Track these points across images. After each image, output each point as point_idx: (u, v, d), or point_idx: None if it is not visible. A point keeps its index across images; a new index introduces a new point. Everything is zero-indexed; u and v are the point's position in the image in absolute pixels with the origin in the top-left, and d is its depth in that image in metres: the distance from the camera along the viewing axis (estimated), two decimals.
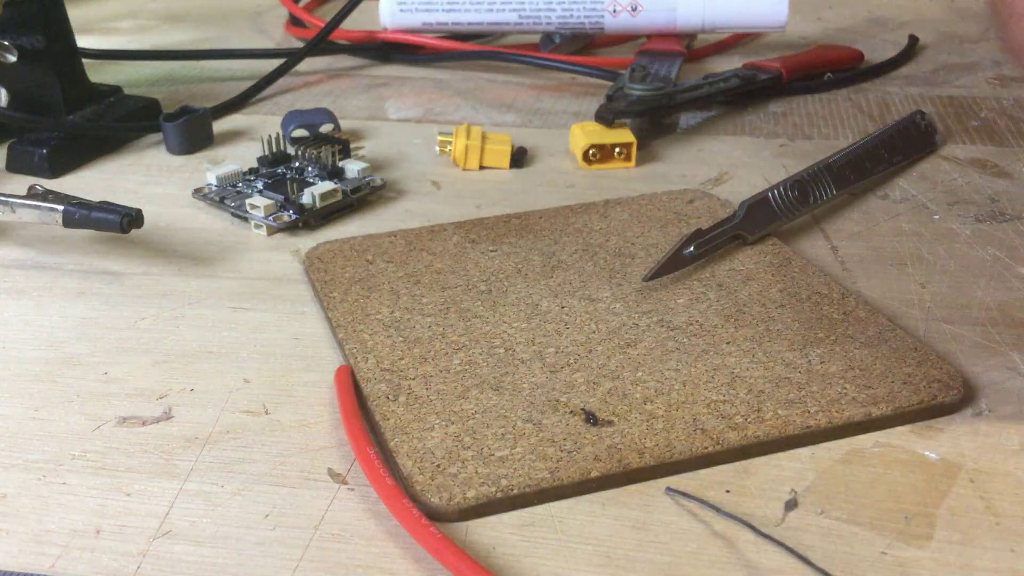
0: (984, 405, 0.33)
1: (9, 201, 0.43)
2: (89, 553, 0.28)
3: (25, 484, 0.31)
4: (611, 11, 0.64)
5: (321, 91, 0.65)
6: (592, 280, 0.40)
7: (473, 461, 0.30)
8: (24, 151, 0.52)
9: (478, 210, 0.48)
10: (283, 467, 0.31)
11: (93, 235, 0.45)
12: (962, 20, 0.80)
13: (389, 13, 0.67)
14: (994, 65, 0.69)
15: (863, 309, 0.38)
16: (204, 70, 0.70)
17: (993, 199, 0.48)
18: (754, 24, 0.64)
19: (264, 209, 0.46)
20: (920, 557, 0.27)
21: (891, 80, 0.66)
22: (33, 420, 0.33)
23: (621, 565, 0.27)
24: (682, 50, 0.63)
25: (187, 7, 0.87)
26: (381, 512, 0.29)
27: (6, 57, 0.53)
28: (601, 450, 0.30)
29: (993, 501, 0.29)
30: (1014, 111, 0.60)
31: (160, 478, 0.31)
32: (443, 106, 0.62)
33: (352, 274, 0.41)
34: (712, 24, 0.64)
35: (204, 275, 0.42)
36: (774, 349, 0.35)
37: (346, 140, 0.54)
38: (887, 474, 0.30)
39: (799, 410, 0.32)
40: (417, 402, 0.33)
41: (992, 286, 0.40)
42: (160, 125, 0.55)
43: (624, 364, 0.35)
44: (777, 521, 0.29)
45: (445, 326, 0.37)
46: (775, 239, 0.43)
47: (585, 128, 0.53)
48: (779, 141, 0.56)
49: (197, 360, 0.37)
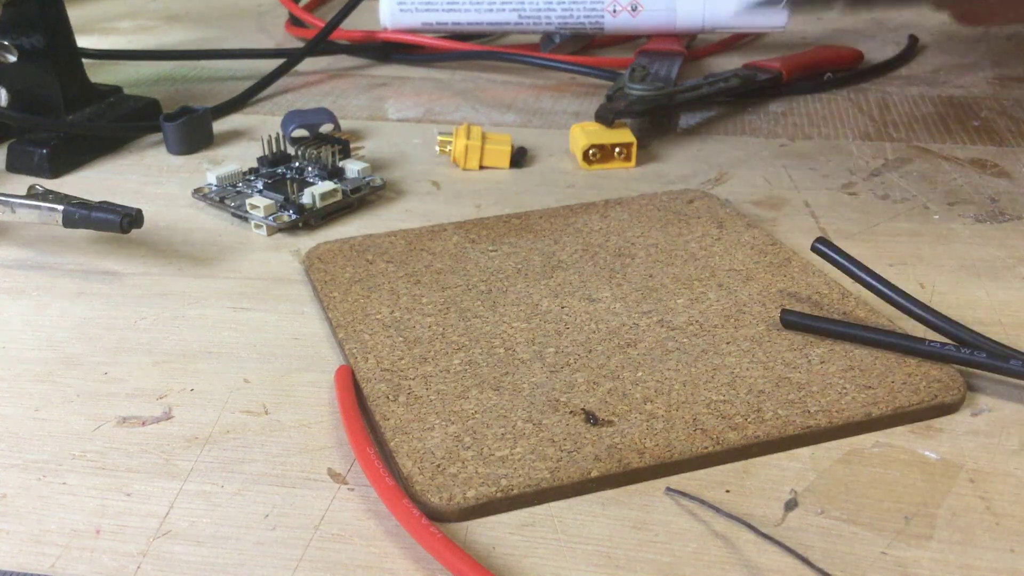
0: (984, 405, 0.33)
1: (9, 201, 0.43)
2: (89, 553, 0.28)
3: (25, 484, 0.31)
4: (611, 11, 0.64)
5: (321, 91, 0.65)
6: (592, 280, 0.40)
7: (473, 461, 0.30)
8: (24, 151, 0.52)
9: (478, 210, 0.48)
10: (283, 467, 0.31)
11: (93, 235, 0.45)
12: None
13: (389, 13, 0.67)
14: (994, 65, 0.69)
15: (863, 309, 0.38)
16: (204, 70, 0.70)
17: (993, 199, 0.48)
18: (754, 24, 0.64)
19: (264, 209, 0.46)
20: (920, 557, 0.27)
21: (891, 80, 0.66)
22: (33, 420, 0.33)
23: (621, 565, 0.27)
24: (682, 50, 0.63)
25: (187, 7, 0.87)
26: (381, 512, 0.29)
27: (6, 57, 0.53)
28: (601, 450, 0.30)
29: (993, 501, 0.29)
30: (1014, 111, 0.60)
31: (160, 478, 0.31)
32: (443, 106, 0.62)
33: (352, 274, 0.41)
34: (712, 24, 0.64)
35: (204, 275, 0.42)
36: (774, 349, 0.35)
37: (346, 140, 0.54)
38: (887, 474, 0.30)
39: (799, 410, 0.32)
40: (417, 402, 0.33)
41: (992, 286, 0.40)
42: (160, 125, 0.55)
43: (624, 364, 0.35)
44: (777, 521, 0.29)
45: (445, 326, 0.37)
46: (776, 239, 0.43)
47: (585, 128, 0.53)
48: (779, 141, 0.56)
49: (197, 360, 0.37)
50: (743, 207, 0.47)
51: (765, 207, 0.48)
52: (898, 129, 0.57)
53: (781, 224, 0.46)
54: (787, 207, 0.48)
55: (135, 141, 0.57)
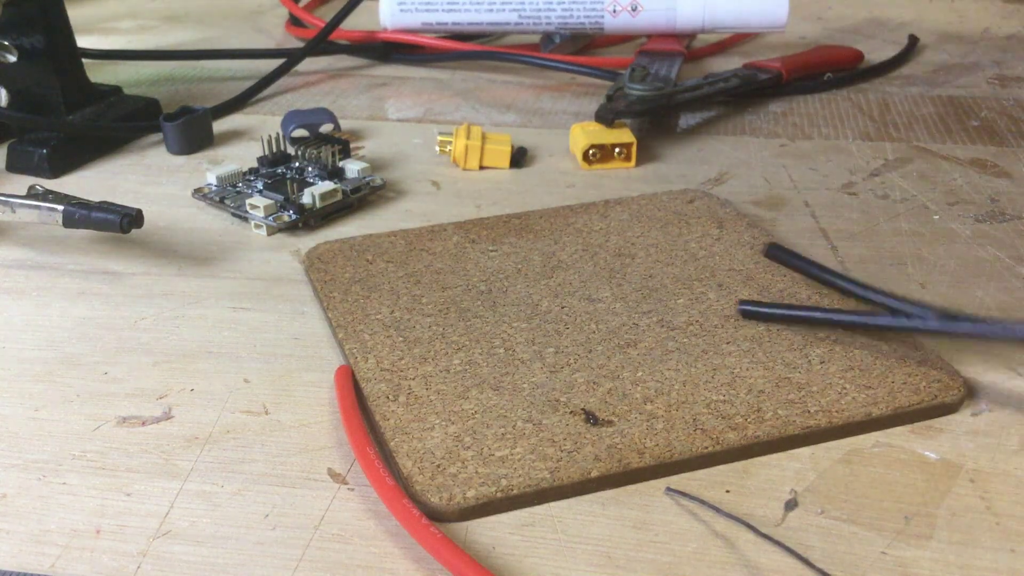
0: (984, 405, 0.33)
1: (9, 201, 0.43)
2: (89, 553, 0.28)
3: (25, 484, 0.31)
4: (611, 11, 0.64)
5: (321, 91, 0.65)
6: (592, 280, 0.40)
7: (473, 461, 0.30)
8: (24, 151, 0.52)
9: (478, 210, 0.48)
10: (283, 467, 0.31)
11: (93, 235, 0.45)
12: (962, 20, 0.80)
13: (389, 13, 0.67)
14: (994, 65, 0.69)
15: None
16: (204, 70, 0.70)
17: (993, 199, 0.48)
18: (754, 24, 0.64)
19: (264, 209, 0.46)
20: (920, 557, 0.27)
21: (891, 80, 0.66)
22: (33, 420, 0.33)
23: (621, 565, 0.27)
24: (682, 50, 0.63)
25: (187, 7, 0.87)
26: (381, 512, 0.29)
27: (6, 57, 0.53)
28: (601, 450, 0.30)
29: (993, 501, 0.29)
30: (1014, 111, 0.60)
31: (160, 478, 0.31)
32: (443, 106, 0.62)
33: (352, 274, 0.41)
34: (712, 24, 0.64)
35: (204, 275, 0.42)
36: (774, 349, 0.35)
37: (346, 140, 0.54)
38: (887, 474, 0.30)
39: (799, 410, 0.32)
40: (417, 402, 0.33)
41: (992, 286, 0.40)
42: (160, 125, 0.55)
43: (624, 364, 0.35)
44: (777, 521, 0.29)
45: (445, 326, 0.37)
46: (775, 239, 0.43)
47: (585, 128, 0.53)
48: (779, 141, 0.56)
49: (197, 360, 0.37)
50: (743, 207, 0.47)
51: (765, 207, 0.48)
52: (898, 129, 0.57)
53: (781, 224, 0.46)
54: (787, 207, 0.48)
55: (135, 141, 0.57)
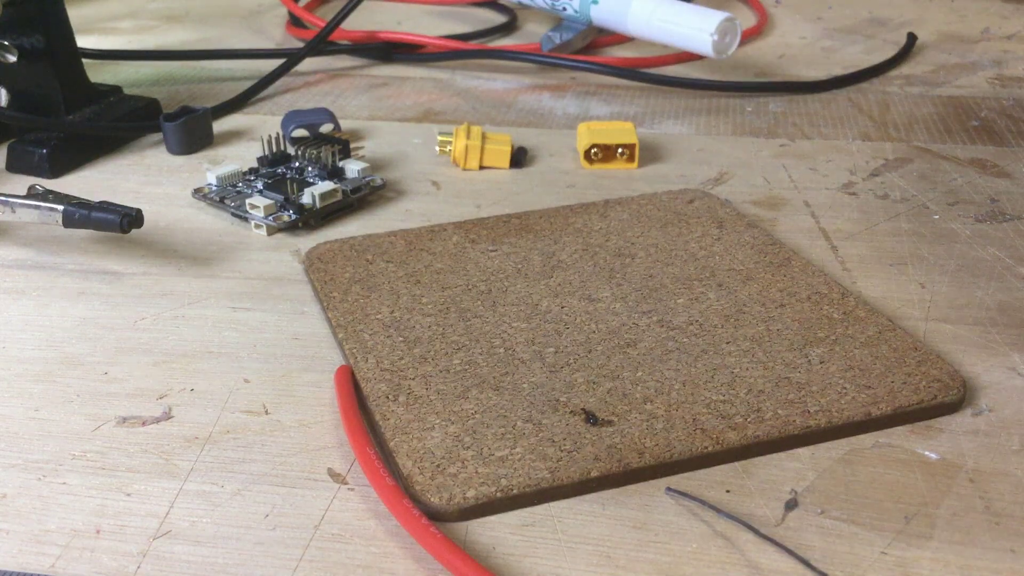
0: (984, 405, 0.33)
1: (9, 201, 0.43)
2: (89, 553, 0.28)
3: (25, 484, 0.31)
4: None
5: (321, 91, 0.65)
6: (592, 280, 0.40)
7: (473, 461, 0.30)
8: (24, 151, 0.52)
9: (478, 210, 0.48)
10: (283, 467, 0.31)
11: (93, 235, 0.45)
12: (962, 20, 0.80)
13: None
14: (994, 65, 0.69)
15: (863, 309, 0.38)
16: (204, 70, 0.70)
17: (993, 199, 0.48)
18: (686, 47, 0.61)
19: (264, 209, 0.46)
20: (920, 557, 0.27)
21: (891, 80, 0.66)
22: (33, 420, 0.33)
23: (621, 565, 0.27)
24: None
25: (187, 7, 0.87)
26: (381, 512, 0.29)
27: (6, 57, 0.53)
28: (601, 450, 0.30)
29: (993, 501, 0.29)
30: (1014, 111, 0.60)
31: (160, 478, 0.31)
32: (443, 106, 0.62)
33: (352, 274, 0.41)
34: (654, 36, 0.63)
35: (204, 275, 0.42)
36: (774, 349, 0.35)
37: (346, 140, 0.54)
38: (887, 474, 0.30)
39: (799, 410, 0.32)
40: (417, 402, 0.33)
41: (992, 286, 0.40)
42: (160, 125, 0.55)
43: (624, 364, 0.35)
44: (777, 521, 0.29)
45: (445, 326, 0.37)
46: (776, 239, 0.43)
47: (591, 127, 0.53)
48: (779, 141, 0.56)
49: (197, 360, 0.37)
50: (743, 207, 0.47)
51: (765, 207, 0.48)
52: (898, 129, 0.57)
53: (781, 224, 0.46)
54: (787, 207, 0.48)
55: (135, 141, 0.57)
